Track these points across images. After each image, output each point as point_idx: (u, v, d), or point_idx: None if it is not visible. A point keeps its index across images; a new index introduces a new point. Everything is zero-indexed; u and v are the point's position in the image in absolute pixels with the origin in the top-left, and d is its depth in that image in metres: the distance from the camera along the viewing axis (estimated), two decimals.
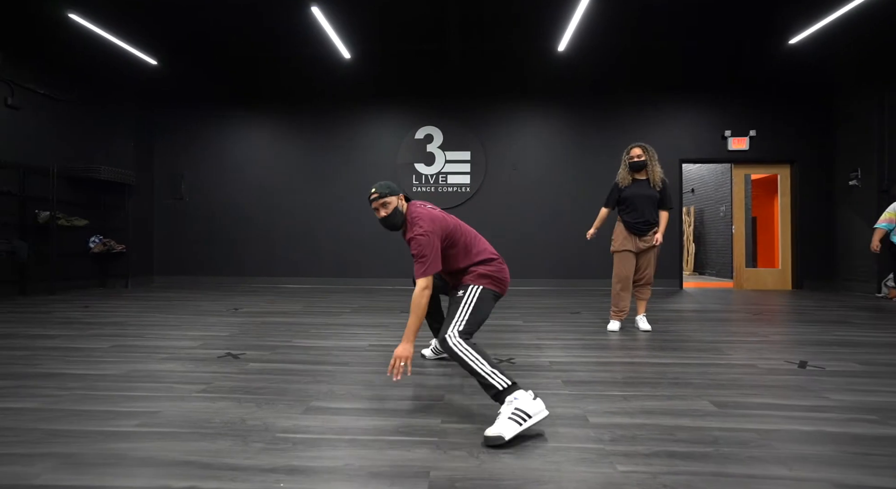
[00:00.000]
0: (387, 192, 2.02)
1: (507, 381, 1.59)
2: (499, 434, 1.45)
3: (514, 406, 1.52)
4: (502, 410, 1.53)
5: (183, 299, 5.25)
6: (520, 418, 1.49)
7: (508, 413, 1.50)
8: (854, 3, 4.54)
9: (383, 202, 2.01)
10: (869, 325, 3.69)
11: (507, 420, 1.49)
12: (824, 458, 1.39)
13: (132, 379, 2.20)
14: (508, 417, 1.49)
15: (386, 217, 2.03)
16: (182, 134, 7.24)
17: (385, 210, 2.02)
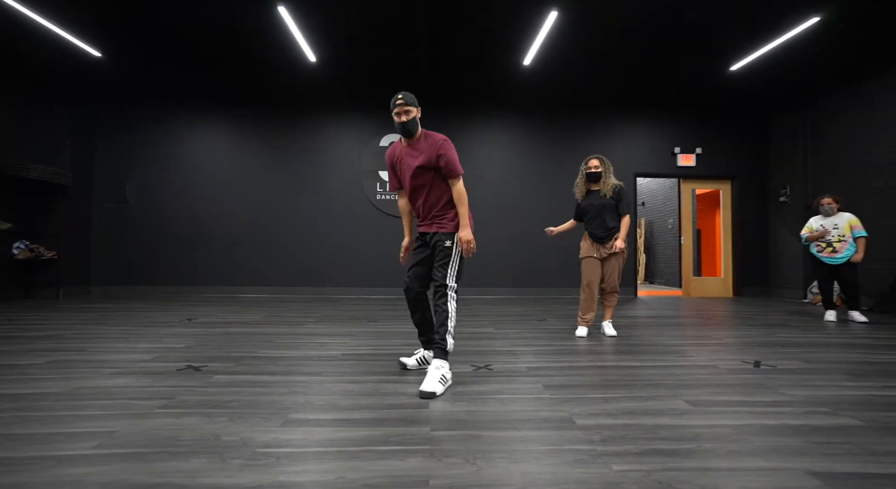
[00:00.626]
0: (411, 101, 2.25)
1: (452, 347, 2.19)
2: (433, 390, 1.99)
3: (442, 371, 2.09)
4: (432, 371, 2.08)
5: (127, 310, 4.84)
6: (445, 381, 2.09)
7: (438, 376, 2.06)
8: (784, 37, 5.05)
9: (406, 109, 2.23)
10: (803, 328, 4.03)
11: (437, 381, 2.04)
12: (793, 449, 1.49)
13: (79, 396, 1.98)
14: (438, 380, 2.04)
15: (405, 122, 2.23)
16: (129, 133, 6.75)
17: (406, 116, 2.23)
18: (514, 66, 6.31)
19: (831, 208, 4.51)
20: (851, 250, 4.38)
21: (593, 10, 4.76)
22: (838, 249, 4.43)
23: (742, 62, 5.67)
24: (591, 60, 6.00)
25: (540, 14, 4.77)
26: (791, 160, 6.70)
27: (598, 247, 3.46)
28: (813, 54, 5.58)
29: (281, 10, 4.56)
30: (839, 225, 4.44)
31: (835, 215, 4.50)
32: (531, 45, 5.39)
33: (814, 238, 4.53)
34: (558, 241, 6.85)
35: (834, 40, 5.26)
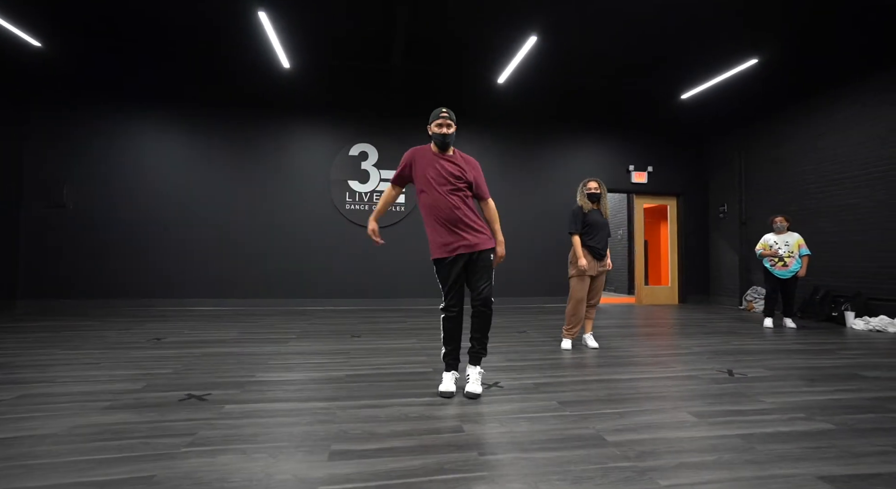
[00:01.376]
0: (453, 117, 2.44)
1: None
2: (479, 391, 2.38)
3: (480, 371, 2.47)
4: (475, 375, 2.43)
5: (74, 329, 4.39)
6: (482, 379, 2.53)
7: (480, 378, 2.44)
8: (727, 74, 5.67)
9: (450, 122, 2.42)
10: (750, 335, 4.54)
11: (480, 384, 2.43)
12: (796, 455, 1.72)
13: (81, 437, 1.82)
14: (481, 382, 2.45)
15: (447, 134, 2.41)
16: (69, 131, 6.11)
17: (449, 129, 2.42)
18: (488, 83, 6.51)
19: (783, 226, 5.11)
20: (798, 266, 4.99)
21: (569, 40, 5.07)
22: (788, 264, 5.02)
23: (692, 92, 6.27)
24: (560, 82, 6.34)
25: (520, 37, 4.98)
26: (728, 181, 7.48)
27: (595, 264, 3.68)
28: (751, 90, 6.30)
29: (261, 15, 4.40)
30: (789, 242, 5.04)
31: (785, 233, 5.10)
32: (507, 64, 5.60)
33: (767, 254, 5.11)
34: (528, 252, 7.15)
35: (768, 79, 5.98)
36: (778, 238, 5.14)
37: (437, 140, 2.43)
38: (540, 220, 7.24)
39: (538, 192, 7.33)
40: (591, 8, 4.41)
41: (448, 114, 2.43)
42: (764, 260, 5.18)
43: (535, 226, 7.22)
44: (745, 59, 5.38)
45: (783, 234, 5.13)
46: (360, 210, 6.84)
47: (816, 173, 6.02)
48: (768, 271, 5.15)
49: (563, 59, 5.60)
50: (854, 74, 5.54)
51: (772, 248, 5.12)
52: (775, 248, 5.09)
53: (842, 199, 5.69)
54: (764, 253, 5.16)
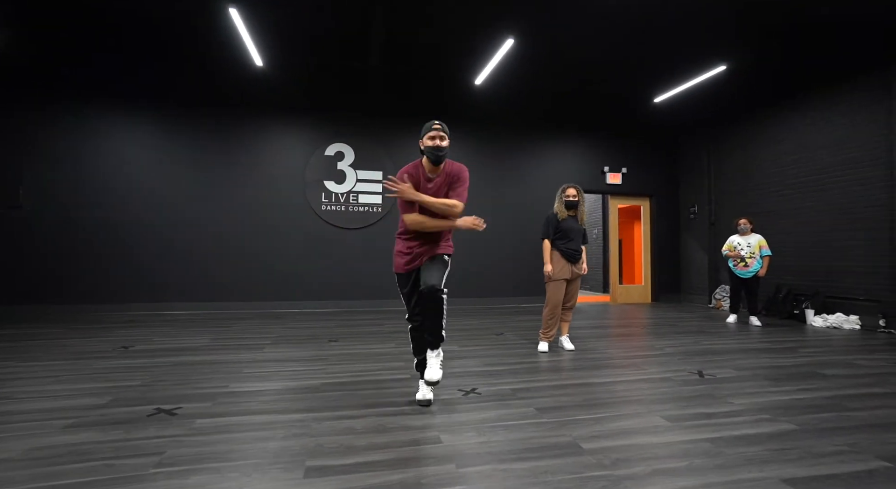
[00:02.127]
0: (447, 129, 2.34)
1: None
2: (438, 378, 2.26)
3: (440, 358, 2.32)
4: (434, 360, 2.29)
5: (36, 337, 4.18)
6: (441, 364, 2.33)
7: (438, 363, 2.30)
8: (696, 80, 5.84)
9: (442, 135, 2.30)
10: (718, 334, 4.70)
11: (438, 368, 2.28)
12: (762, 458, 1.79)
13: (40, 461, 1.73)
14: (439, 367, 2.29)
15: (444, 147, 2.30)
16: (25, 126, 5.79)
17: (442, 142, 2.29)
18: (465, 84, 6.50)
19: (746, 227, 5.32)
20: (758, 266, 5.21)
21: (545, 43, 5.11)
22: (749, 264, 5.24)
23: (663, 96, 6.43)
24: (536, 85, 6.39)
25: (497, 40, 4.99)
26: (698, 183, 7.71)
27: (570, 267, 3.74)
28: (719, 95, 6.50)
29: (231, 12, 4.26)
30: (751, 243, 5.26)
31: (749, 235, 5.32)
32: (485, 66, 5.61)
33: (731, 255, 5.32)
34: (503, 252, 7.20)
35: (735, 85, 6.18)
36: (741, 239, 5.35)
37: (431, 154, 2.29)
38: (516, 221, 7.29)
39: (513, 192, 7.38)
40: (566, 12, 4.46)
41: (441, 125, 2.32)
42: (728, 260, 5.38)
43: (510, 226, 7.27)
44: (713, 66, 5.55)
45: (746, 235, 5.34)
46: (336, 211, 6.74)
47: (779, 177, 6.27)
48: (731, 271, 5.36)
49: (538, 62, 5.65)
50: (812, 85, 5.79)
51: (735, 250, 5.33)
52: (738, 250, 5.30)
53: (801, 202, 5.94)
54: (728, 254, 5.36)
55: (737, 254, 5.30)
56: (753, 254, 5.23)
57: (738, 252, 5.30)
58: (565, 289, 3.79)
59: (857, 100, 5.30)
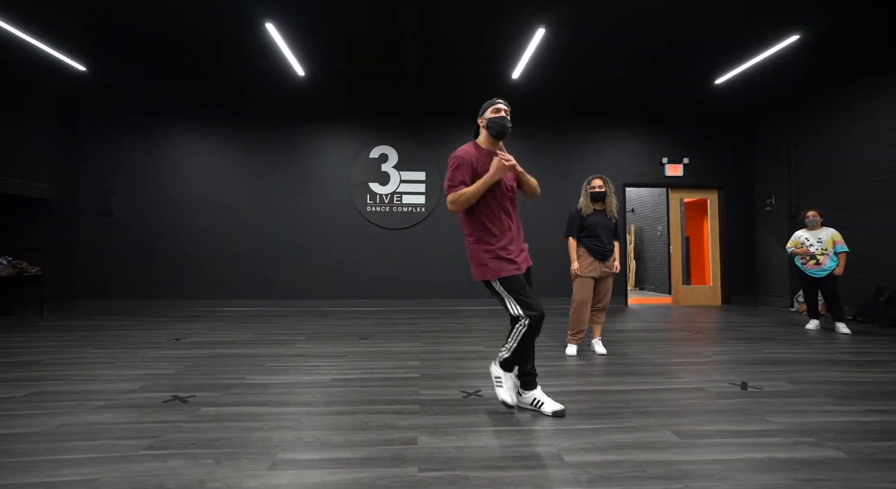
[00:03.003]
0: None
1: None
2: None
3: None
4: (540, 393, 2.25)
5: (113, 328, 4.76)
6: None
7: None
8: (766, 53, 5.14)
9: (508, 110, 2.29)
10: (790, 342, 4.09)
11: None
12: (781, 487, 1.51)
13: (61, 436, 1.94)
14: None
15: (509, 123, 2.26)
16: (115, 145, 6.65)
17: (508, 115, 2.27)
18: (503, 79, 6.34)
19: (816, 221, 4.62)
20: (833, 264, 4.49)
21: (579, 29, 4.82)
22: (821, 262, 4.54)
23: (726, 76, 5.75)
24: (579, 74, 6.04)
25: (528, 31, 4.80)
26: (776, 171, 6.81)
27: (598, 265, 3.49)
28: (796, 69, 5.68)
29: (268, 27, 4.54)
30: (822, 239, 4.55)
31: (819, 229, 4.61)
32: (519, 59, 5.42)
33: (798, 252, 4.65)
34: (548, 252, 6.90)
35: (813, 57, 5.36)
36: (810, 234, 4.64)
37: (496, 126, 2.20)
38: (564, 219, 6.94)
39: (561, 190, 7.04)
40: None
41: (504, 101, 2.28)
42: (796, 258, 4.68)
43: (558, 225, 6.93)
44: (784, 36, 4.85)
45: (816, 229, 4.62)
46: (381, 212, 6.90)
47: (875, 159, 5.33)
48: (801, 270, 4.66)
49: (576, 50, 5.33)
50: None
51: (803, 246, 4.63)
52: (807, 246, 4.59)
53: None
54: (795, 251, 4.67)
55: (805, 251, 4.60)
56: (826, 250, 4.50)
57: (807, 249, 4.59)
58: (594, 287, 3.52)
59: None
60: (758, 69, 5.56)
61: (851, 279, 5.50)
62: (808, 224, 4.69)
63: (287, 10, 4.47)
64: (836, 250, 4.49)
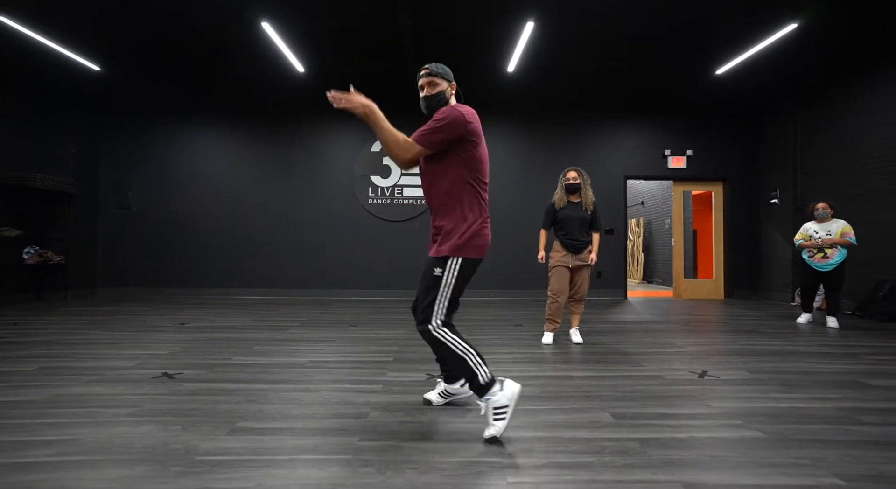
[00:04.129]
0: (439, 72, 1.88)
1: (489, 376, 1.79)
2: (493, 434, 1.74)
3: (492, 406, 1.75)
4: (485, 412, 1.77)
5: (127, 313, 5.10)
6: (502, 414, 1.75)
7: (492, 416, 1.75)
8: (764, 43, 5.04)
9: (431, 81, 1.87)
10: (774, 335, 4.08)
11: (494, 421, 1.75)
12: (685, 462, 1.60)
13: (54, 404, 2.18)
14: (494, 419, 1.75)
15: (427, 96, 1.88)
16: (130, 142, 7.02)
17: (430, 89, 1.87)
18: (499, 73, 6.38)
19: (826, 213, 4.54)
20: (841, 257, 4.40)
21: (569, 21, 4.82)
22: (829, 255, 4.45)
23: (726, 67, 5.66)
24: (576, 67, 6.04)
25: (518, 25, 4.84)
26: (781, 162, 6.66)
27: (570, 257, 3.57)
28: (799, 59, 5.54)
29: (264, 26, 4.72)
30: (832, 231, 4.46)
31: (828, 221, 4.52)
32: (513, 52, 5.46)
33: (807, 245, 4.57)
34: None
35: (818, 45, 5.22)
36: (819, 227, 4.55)
37: (421, 104, 1.94)
38: None
39: None
40: None
41: (429, 69, 1.87)
42: (803, 251, 4.62)
43: None
44: (781, 25, 4.75)
45: (826, 221, 4.52)
46: (382, 204, 7.08)
47: (883, 151, 5.18)
48: (806, 263, 4.59)
49: (570, 43, 5.33)
50: None
51: (812, 239, 4.55)
52: (815, 239, 4.52)
53: None
54: (804, 244, 4.60)
55: (814, 243, 4.52)
56: (834, 244, 4.42)
57: (816, 241, 4.51)
58: (570, 278, 3.60)
59: None
60: (759, 58, 5.44)
61: (853, 273, 5.39)
62: (817, 216, 4.60)
63: (283, 9, 4.64)
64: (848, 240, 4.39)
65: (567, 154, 7.06)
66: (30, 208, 6.06)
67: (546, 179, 7.03)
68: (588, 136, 7.13)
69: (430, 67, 1.89)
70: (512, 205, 7.05)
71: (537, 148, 7.14)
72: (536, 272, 6.91)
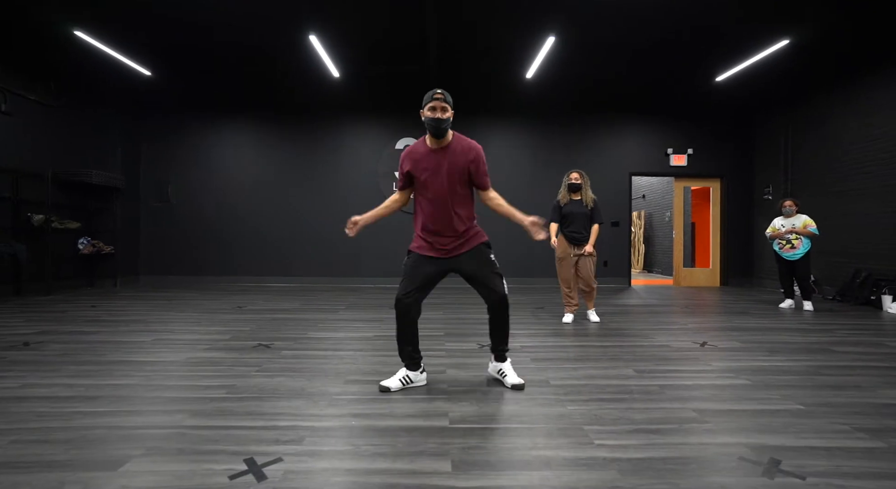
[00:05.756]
0: (448, 99, 2.17)
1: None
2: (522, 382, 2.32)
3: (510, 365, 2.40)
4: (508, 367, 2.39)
5: (181, 298, 5.65)
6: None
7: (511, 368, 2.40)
8: (759, 56, 5.59)
9: (444, 105, 2.15)
10: (760, 316, 4.70)
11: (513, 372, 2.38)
12: (694, 397, 2.20)
13: (192, 363, 2.76)
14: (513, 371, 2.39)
15: (443, 119, 2.14)
16: (170, 140, 7.50)
17: (445, 114, 2.15)
18: (517, 79, 6.88)
19: (791, 210, 5.15)
20: (805, 248, 5.03)
21: (587, 36, 5.34)
22: (796, 246, 5.07)
23: (725, 74, 6.20)
24: (588, 72, 6.55)
25: (539, 37, 5.35)
26: (773, 161, 7.24)
27: (572, 249, 4.13)
28: (790, 68, 6.09)
29: (312, 39, 5.21)
30: (796, 225, 5.08)
31: (794, 216, 5.14)
32: (532, 61, 5.97)
33: (775, 236, 5.20)
34: None
35: (807, 57, 5.77)
36: (785, 221, 5.17)
37: (430, 126, 2.16)
38: None
39: None
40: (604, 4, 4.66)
41: (443, 94, 2.15)
42: (773, 243, 5.24)
43: None
44: (775, 41, 5.29)
45: (791, 217, 5.14)
46: None
47: (863, 152, 5.76)
48: (777, 254, 5.22)
49: (585, 51, 5.83)
50: None
51: (778, 231, 5.18)
52: (781, 232, 5.15)
53: (889, 179, 5.45)
54: (772, 235, 5.22)
55: (780, 234, 5.16)
56: (800, 236, 5.05)
57: (782, 233, 5.15)
58: (573, 266, 4.15)
59: None
60: (759, 68, 5.99)
61: (833, 262, 6.03)
62: (784, 212, 5.22)
63: (327, 22, 5.12)
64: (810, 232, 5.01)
65: (576, 152, 7.60)
66: (85, 202, 6.57)
67: (557, 176, 7.56)
68: (596, 136, 7.67)
69: (445, 94, 2.17)
70: (524, 199, 7.58)
71: (549, 147, 7.67)
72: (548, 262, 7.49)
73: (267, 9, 4.81)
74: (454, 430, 1.83)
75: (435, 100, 2.15)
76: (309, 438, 1.74)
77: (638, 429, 1.83)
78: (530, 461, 1.57)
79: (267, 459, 1.56)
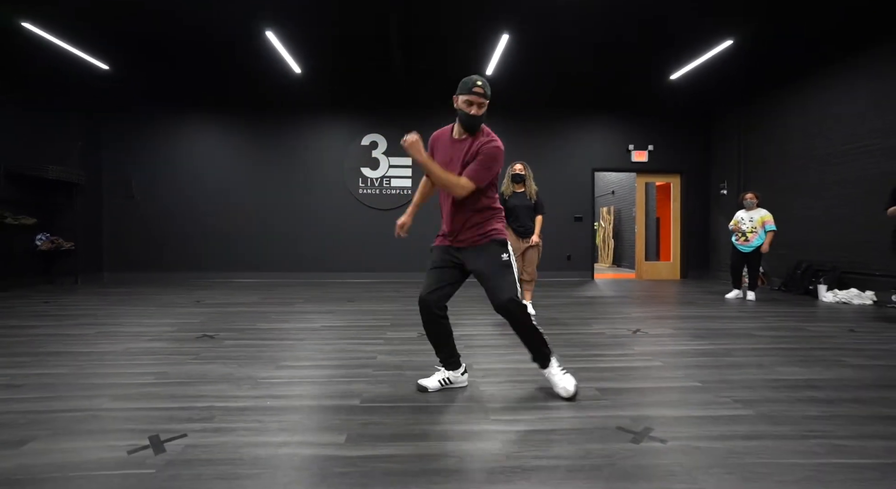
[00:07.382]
0: (489, 94, 1.95)
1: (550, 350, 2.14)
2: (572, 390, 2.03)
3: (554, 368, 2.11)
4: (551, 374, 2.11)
5: (142, 294, 5.63)
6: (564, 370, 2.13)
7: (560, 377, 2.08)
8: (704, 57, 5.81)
9: (483, 102, 1.94)
10: (705, 305, 4.90)
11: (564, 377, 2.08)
12: (603, 377, 2.34)
13: (131, 353, 2.80)
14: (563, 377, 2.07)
15: (477, 116, 1.95)
16: (132, 136, 7.41)
17: (480, 110, 1.95)
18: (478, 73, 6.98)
19: (752, 203, 5.35)
20: (759, 241, 5.25)
21: (540, 32, 5.47)
22: (750, 239, 5.29)
23: (679, 72, 6.41)
24: (549, 69, 6.70)
25: (494, 34, 5.46)
26: (728, 157, 7.51)
27: (519, 241, 4.25)
28: (739, 68, 6.33)
29: (268, 34, 5.23)
30: (754, 218, 5.29)
31: (754, 210, 5.34)
32: (491, 57, 6.08)
33: (735, 229, 5.41)
34: None
35: (754, 57, 6.01)
36: (745, 214, 5.37)
37: (463, 121, 1.98)
38: None
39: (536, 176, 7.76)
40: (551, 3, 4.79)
41: (484, 88, 1.92)
42: (732, 235, 5.45)
43: None
44: (719, 41, 5.50)
45: (752, 210, 5.35)
46: (371, 194, 7.68)
47: (806, 148, 6.03)
48: (733, 246, 5.43)
49: (542, 48, 5.96)
50: (837, 54, 5.49)
51: (737, 224, 5.39)
52: (739, 224, 5.35)
53: (828, 175, 5.72)
54: (733, 228, 5.43)
55: (737, 227, 5.36)
56: (755, 229, 5.26)
57: (740, 226, 5.35)
58: (521, 259, 4.26)
59: (885, 64, 5.00)
60: (712, 66, 6.20)
61: (778, 254, 6.29)
62: (745, 205, 5.42)
63: (284, 16, 5.14)
64: (766, 229, 5.23)
65: (539, 149, 7.75)
66: (42, 197, 6.46)
67: None
68: (558, 133, 7.83)
69: (486, 87, 1.93)
70: None
71: (512, 143, 7.78)
72: None
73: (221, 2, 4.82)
74: (362, 408, 1.93)
75: (473, 93, 1.91)
76: (220, 417, 1.82)
77: (536, 407, 1.96)
78: (426, 434, 1.68)
79: (171, 436, 1.64)
